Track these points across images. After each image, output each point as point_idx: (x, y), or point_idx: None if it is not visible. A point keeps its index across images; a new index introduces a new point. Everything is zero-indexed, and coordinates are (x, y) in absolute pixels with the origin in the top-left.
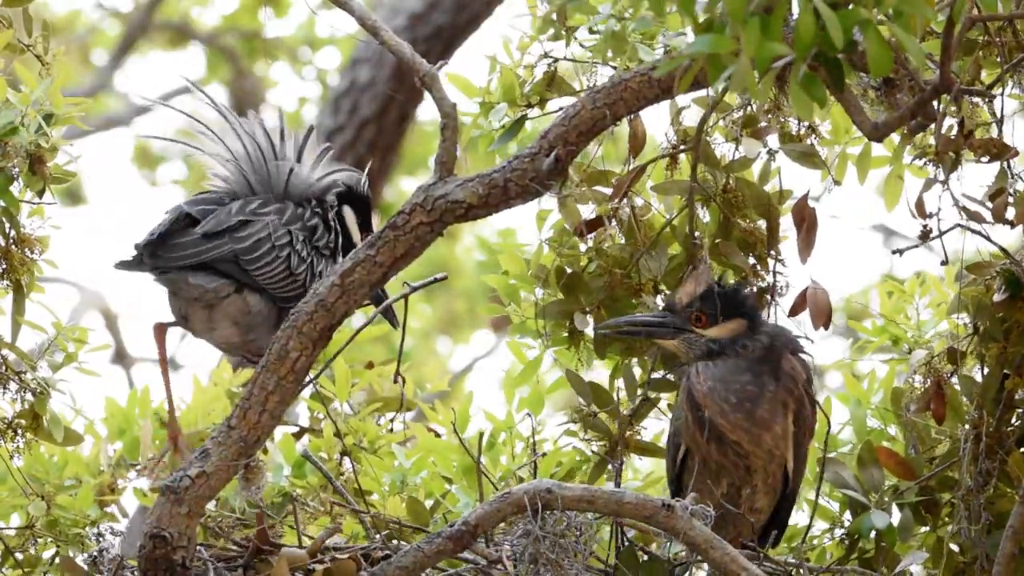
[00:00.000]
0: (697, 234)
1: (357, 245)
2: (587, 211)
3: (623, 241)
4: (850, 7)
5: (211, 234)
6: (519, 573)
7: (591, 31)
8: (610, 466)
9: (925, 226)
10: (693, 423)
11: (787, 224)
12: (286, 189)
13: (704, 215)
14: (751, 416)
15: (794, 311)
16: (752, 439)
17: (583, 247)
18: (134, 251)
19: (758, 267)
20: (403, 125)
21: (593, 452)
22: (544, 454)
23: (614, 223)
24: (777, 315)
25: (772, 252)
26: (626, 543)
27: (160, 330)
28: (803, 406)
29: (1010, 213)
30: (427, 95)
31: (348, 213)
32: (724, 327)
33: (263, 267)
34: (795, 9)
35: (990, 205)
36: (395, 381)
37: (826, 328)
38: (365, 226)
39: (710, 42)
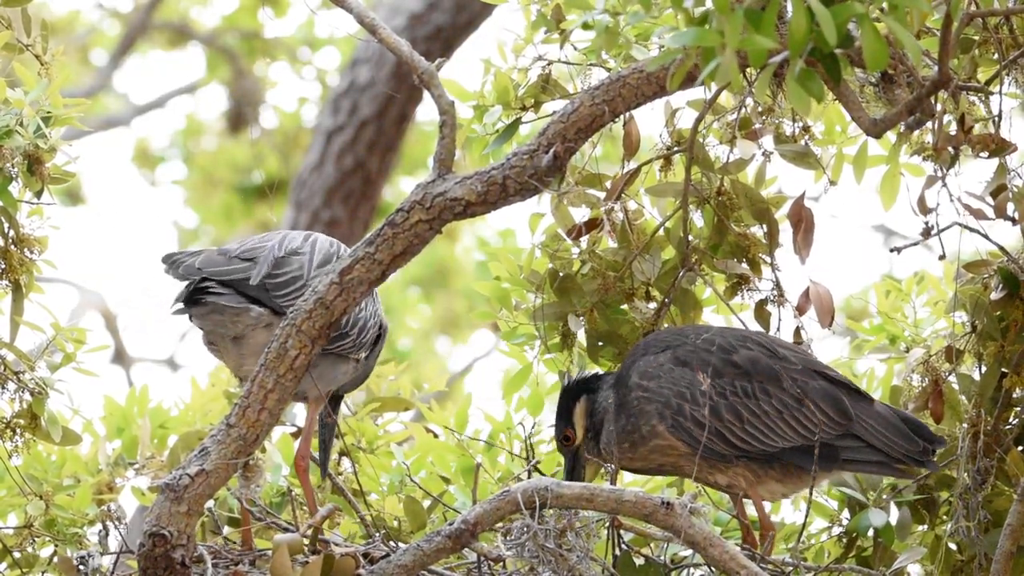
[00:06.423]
0: (691, 238)
1: None
2: (580, 214)
3: (616, 244)
4: (845, 2)
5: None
6: (518, 570)
7: (585, 27)
8: (604, 469)
9: (926, 223)
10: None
11: (783, 228)
12: None
13: (698, 219)
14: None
15: (800, 310)
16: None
17: (576, 250)
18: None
19: (750, 273)
20: (402, 125)
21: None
22: (539, 461)
23: (607, 225)
24: (780, 318)
25: (768, 257)
26: (622, 547)
27: (302, 469)
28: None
29: (1010, 209)
30: (426, 95)
31: None
32: (578, 423)
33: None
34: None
35: (991, 201)
36: None
37: (830, 326)
38: None
39: (695, 35)
